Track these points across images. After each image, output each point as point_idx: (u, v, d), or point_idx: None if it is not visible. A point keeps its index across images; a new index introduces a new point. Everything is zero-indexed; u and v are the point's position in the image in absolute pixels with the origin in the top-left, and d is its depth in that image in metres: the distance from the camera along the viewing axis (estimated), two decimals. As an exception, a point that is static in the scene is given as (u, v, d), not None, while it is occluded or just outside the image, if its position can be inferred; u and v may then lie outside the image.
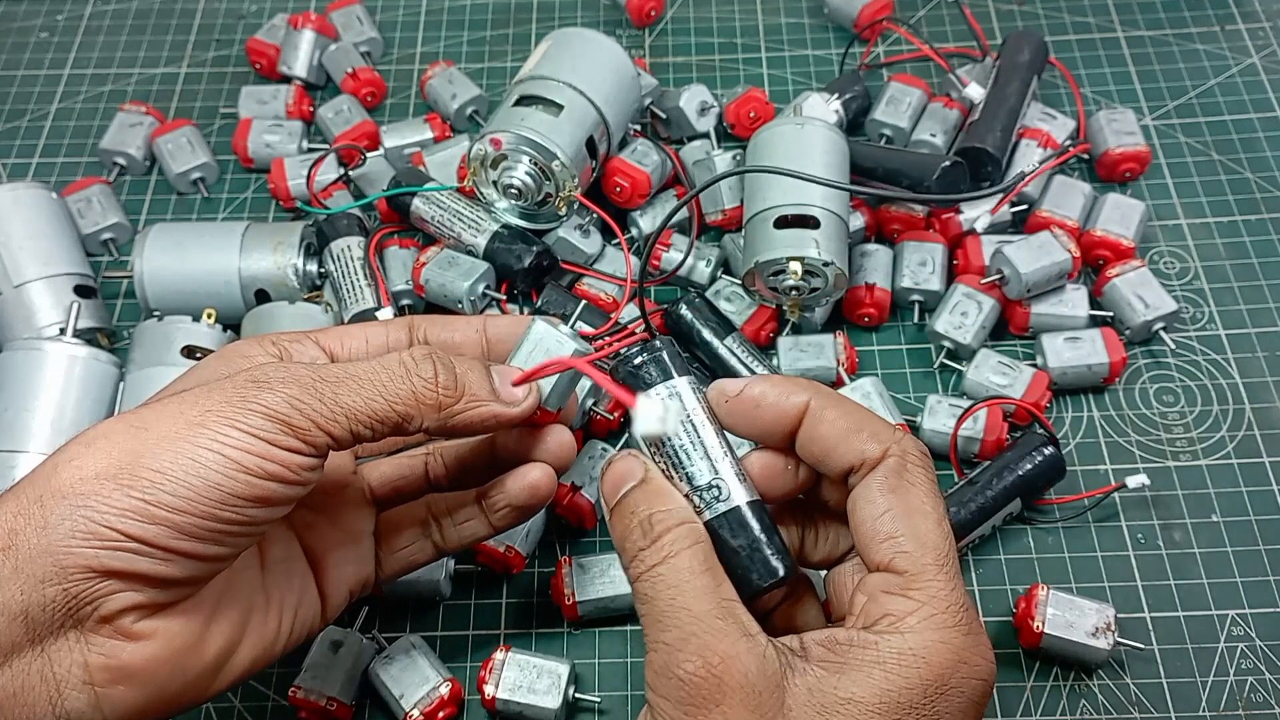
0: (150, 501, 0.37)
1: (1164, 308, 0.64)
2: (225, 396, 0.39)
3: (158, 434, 0.38)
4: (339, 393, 0.41)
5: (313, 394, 0.40)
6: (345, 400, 0.41)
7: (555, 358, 0.45)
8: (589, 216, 0.68)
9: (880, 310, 0.66)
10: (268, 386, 0.40)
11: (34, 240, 0.67)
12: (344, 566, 0.48)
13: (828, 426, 0.41)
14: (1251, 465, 0.61)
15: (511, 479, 0.48)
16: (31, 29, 0.87)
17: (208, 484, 0.38)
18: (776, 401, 0.42)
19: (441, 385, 0.43)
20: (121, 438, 0.38)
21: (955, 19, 0.82)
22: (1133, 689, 0.54)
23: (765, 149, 0.64)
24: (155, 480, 0.37)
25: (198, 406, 0.39)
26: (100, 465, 0.38)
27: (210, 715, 0.55)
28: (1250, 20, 0.81)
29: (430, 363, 0.43)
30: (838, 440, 0.41)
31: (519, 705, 0.53)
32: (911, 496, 0.39)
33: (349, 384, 0.41)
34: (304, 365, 0.42)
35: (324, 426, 0.40)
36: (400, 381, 0.42)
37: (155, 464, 0.38)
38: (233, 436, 0.38)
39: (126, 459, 0.38)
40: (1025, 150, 0.69)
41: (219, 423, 0.39)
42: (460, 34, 0.85)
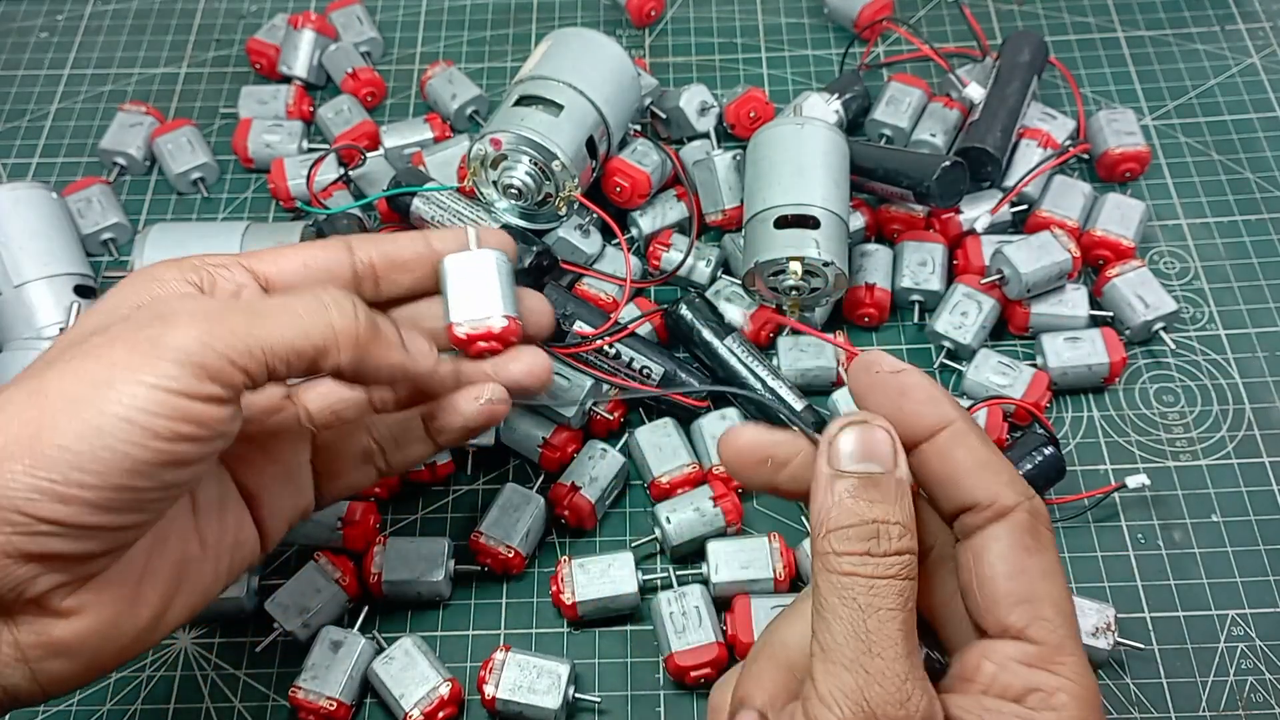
0: (58, 481, 0.35)
1: (1164, 308, 0.64)
2: (129, 343, 0.36)
3: (58, 399, 0.35)
4: (252, 326, 0.38)
5: (225, 327, 0.37)
6: (259, 332, 0.38)
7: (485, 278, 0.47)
8: (589, 216, 0.68)
9: (880, 310, 0.66)
10: (174, 323, 0.37)
11: (34, 240, 0.67)
12: (281, 499, 0.47)
13: (966, 453, 0.37)
14: (1251, 465, 0.61)
15: (463, 399, 0.46)
16: (31, 29, 0.87)
17: (117, 454, 0.35)
18: (927, 400, 0.38)
19: (361, 322, 0.41)
20: (20, 407, 0.35)
21: (955, 19, 0.82)
22: (1133, 689, 0.54)
23: (765, 149, 0.64)
24: (60, 457, 0.35)
25: (101, 360, 0.36)
26: (0, 442, 0.35)
27: (210, 715, 0.56)
28: (1250, 20, 0.81)
29: (349, 299, 0.41)
30: (971, 470, 0.37)
31: (519, 705, 0.53)
32: (1045, 559, 0.36)
33: (264, 317, 0.39)
34: (215, 299, 0.40)
35: (239, 362, 0.38)
36: (318, 314, 0.40)
37: (59, 438, 0.35)
38: (140, 396, 0.35)
39: (27, 433, 0.35)
40: (1025, 150, 0.69)
41: (125, 380, 0.36)
42: (460, 34, 0.85)
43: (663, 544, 0.58)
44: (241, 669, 0.57)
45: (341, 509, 0.59)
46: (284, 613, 0.56)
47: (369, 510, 0.59)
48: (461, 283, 0.48)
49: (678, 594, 0.55)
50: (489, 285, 0.48)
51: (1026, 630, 0.36)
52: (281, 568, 0.60)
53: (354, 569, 0.58)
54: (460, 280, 0.48)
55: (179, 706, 0.56)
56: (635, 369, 0.61)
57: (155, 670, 0.57)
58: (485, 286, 0.48)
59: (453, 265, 0.48)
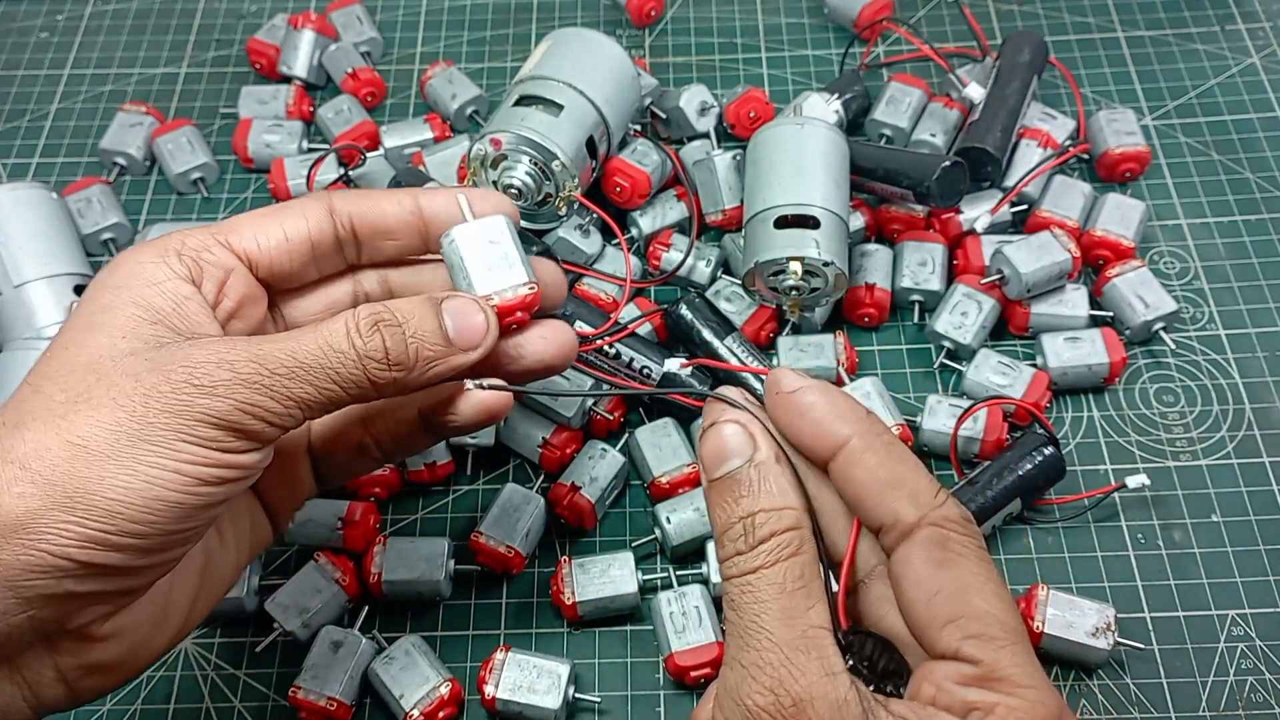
0: (110, 531, 0.36)
1: (1164, 308, 0.64)
2: (165, 404, 0.36)
3: (100, 453, 0.36)
4: (290, 386, 0.38)
5: (262, 393, 0.38)
6: (297, 393, 0.38)
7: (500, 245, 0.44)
8: (589, 216, 0.68)
9: (880, 310, 0.66)
10: (212, 392, 0.37)
11: (34, 240, 0.67)
12: (285, 488, 0.48)
13: (863, 473, 0.37)
14: (1251, 465, 0.61)
15: (463, 402, 0.45)
16: (31, 29, 0.87)
17: (168, 505, 0.36)
18: (819, 420, 0.38)
19: (393, 360, 0.40)
20: (60, 458, 0.36)
21: (955, 19, 0.82)
22: (1133, 689, 0.54)
23: (765, 149, 0.64)
24: (111, 509, 0.36)
25: (136, 416, 0.36)
26: (47, 495, 0.35)
27: (210, 715, 0.55)
28: (1250, 20, 0.81)
29: (378, 336, 0.40)
30: (870, 492, 0.37)
31: (519, 705, 0.53)
32: (962, 571, 0.36)
33: (299, 375, 0.38)
34: (243, 350, 0.38)
35: (277, 423, 0.38)
36: (352, 366, 0.39)
37: (109, 491, 0.36)
38: (185, 450, 0.37)
39: (74, 485, 0.35)
40: (1025, 150, 0.69)
41: (166, 436, 0.36)
42: (460, 34, 0.85)
43: (663, 544, 0.58)
44: (241, 669, 0.57)
45: (341, 509, 0.59)
46: (284, 613, 0.56)
47: (369, 510, 0.59)
48: (477, 254, 0.44)
49: (678, 594, 0.55)
50: (507, 253, 0.44)
51: (960, 651, 0.35)
52: (281, 568, 0.60)
53: (354, 569, 0.58)
54: (475, 251, 0.44)
55: (179, 706, 0.56)
56: (635, 369, 0.61)
57: (155, 670, 0.57)
58: (503, 255, 0.44)
59: (463, 236, 0.44)
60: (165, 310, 0.40)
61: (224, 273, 0.42)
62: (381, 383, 0.40)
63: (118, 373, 0.37)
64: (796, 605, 0.35)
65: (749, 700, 0.34)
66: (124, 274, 0.41)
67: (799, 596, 0.35)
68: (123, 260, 0.41)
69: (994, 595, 0.35)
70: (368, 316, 0.40)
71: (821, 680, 0.34)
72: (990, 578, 0.36)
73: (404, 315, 0.41)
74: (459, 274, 0.44)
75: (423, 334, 0.41)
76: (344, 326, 0.40)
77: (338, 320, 0.40)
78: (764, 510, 0.37)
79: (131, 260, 0.41)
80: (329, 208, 0.44)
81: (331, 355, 0.39)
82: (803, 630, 0.35)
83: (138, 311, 0.39)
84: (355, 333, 0.39)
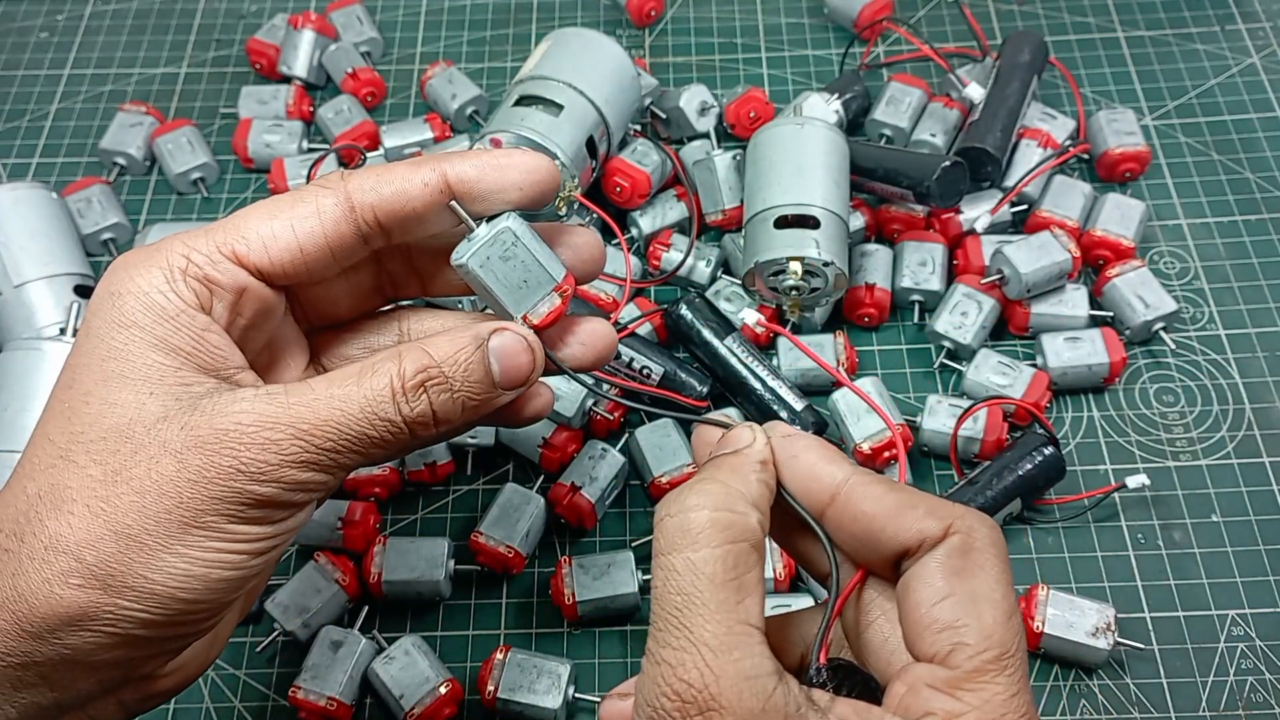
0: (169, 611, 0.36)
1: (1164, 308, 0.64)
2: (212, 492, 0.35)
3: (152, 545, 0.35)
4: (335, 457, 0.37)
5: (309, 470, 0.37)
6: (342, 461, 0.38)
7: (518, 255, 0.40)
8: (589, 216, 0.68)
9: (880, 310, 0.66)
10: (259, 478, 0.36)
11: (34, 240, 0.67)
12: None
13: (872, 504, 0.35)
14: (1251, 465, 0.61)
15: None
16: (31, 29, 0.87)
17: (222, 580, 0.37)
18: (815, 463, 0.36)
19: (440, 419, 0.39)
20: (111, 550, 0.35)
21: (955, 19, 0.82)
22: (1133, 689, 0.54)
23: (765, 149, 0.64)
24: (169, 594, 0.36)
25: (184, 505, 0.35)
26: (106, 586, 0.35)
27: (210, 715, 0.55)
28: (1250, 20, 0.81)
29: (425, 400, 0.38)
30: (887, 518, 0.35)
31: (519, 705, 0.53)
32: (979, 582, 0.33)
33: (345, 446, 0.37)
34: (285, 422, 0.36)
35: (322, 491, 0.38)
36: (398, 430, 0.38)
37: (165, 580, 0.35)
38: (235, 531, 0.36)
39: (131, 578, 0.35)
40: (1025, 150, 0.69)
41: (216, 521, 0.36)
42: (460, 34, 0.85)
43: (663, 544, 0.58)
44: (241, 669, 0.57)
45: (341, 509, 0.59)
46: (284, 613, 0.56)
47: (369, 510, 0.59)
48: (499, 276, 0.40)
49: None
50: (527, 261, 0.40)
51: (947, 657, 0.33)
52: (282, 568, 0.60)
53: (354, 569, 0.58)
54: (496, 274, 0.40)
55: (179, 706, 0.56)
56: (635, 369, 0.61)
57: (155, 670, 0.57)
58: (524, 265, 0.40)
59: (477, 262, 0.40)
60: (187, 350, 0.38)
61: (235, 293, 0.39)
62: (424, 436, 0.39)
63: (155, 445, 0.36)
64: (724, 598, 0.32)
65: (657, 702, 0.32)
66: (132, 308, 0.38)
67: (728, 590, 0.32)
68: (126, 289, 0.38)
69: (1002, 612, 0.33)
70: (414, 377, 0.38)
71: (739, 684, 0.31)
72: (1005, 597, 0.34)
73: (450, 368, 0.39)
74: (488, 298, 0.41)
75: (470, 387, 0.39)
76: (389, 389, 0.38)
77: (380, 377, 0.38)
78: (711, 490, 0.35)
79: (136, 288, 0.38)
80: (347, 202, 0.40)
81: (378, 424, 0.37)
82: (729, 625, 0.32)
83: (159, 358, 0.37)
84: (402, 397, 0.38)
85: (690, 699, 0.31)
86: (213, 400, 0.37)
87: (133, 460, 0.36)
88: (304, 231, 0.39)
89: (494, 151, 0.41)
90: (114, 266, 0.39)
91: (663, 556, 0.34)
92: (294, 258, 0.39)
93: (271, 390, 0.38)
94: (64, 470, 0.36)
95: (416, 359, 0.38)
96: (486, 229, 0.40)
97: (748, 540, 0.34)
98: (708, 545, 0.33)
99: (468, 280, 0.40)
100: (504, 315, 0.41)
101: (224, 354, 0.39)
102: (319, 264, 0.40)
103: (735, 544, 0.33)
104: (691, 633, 0.32)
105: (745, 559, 0.33)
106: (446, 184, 0.40)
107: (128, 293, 0.38)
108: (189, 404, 0.37)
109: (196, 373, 0.38)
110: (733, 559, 0.33)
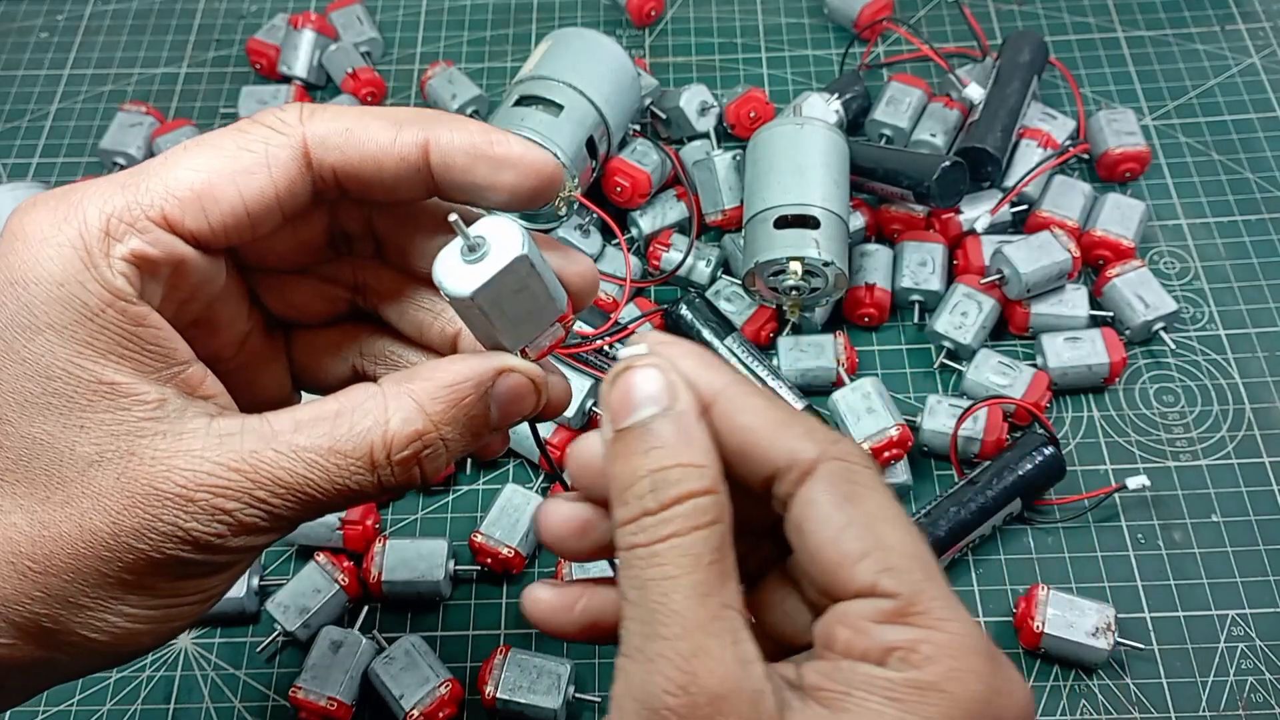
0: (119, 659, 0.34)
1: (1164, 308, 0.64)
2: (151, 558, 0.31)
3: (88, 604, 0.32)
4: (296, 517, 0.33)
5: (265, 532, 0.33)
6: (304, 519, 0.34)
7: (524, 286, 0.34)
8: (589, 216, 0.68)
9: (880, 310, 0.66)
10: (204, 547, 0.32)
11: (34, 240, 0.67)
12: None
13: (750, 415, 0.32)
14: (1251, 465, 0.61)
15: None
16: (31, 29, 0.87)
17: (164, 629, 0.34)
18: (691, 370, 0.32)
19: (426, 480, 0.35)
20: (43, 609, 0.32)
21: (955, 19, 0.82)
22: (1133, 689, 0.54)
23: (765, 149, 0.64)
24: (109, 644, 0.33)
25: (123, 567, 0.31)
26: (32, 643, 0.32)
27: (210, 715, 0.55)
28: (1250, 20, 0.81)
29: (417, 471, 0.34)
30: (763, 435, 0.32)
31: (519, 705, 0.53)
32: (871, 503, 0.31)
33: (308, 507, 0.33)
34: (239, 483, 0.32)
35: (276, 539, 0.34)
36: (373, 495, 0.34)
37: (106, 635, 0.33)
38: (182, 585, 0.33)
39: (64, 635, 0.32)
40: (1025, 150, 0.69)
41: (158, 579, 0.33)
42: (460, 34, 0.85)
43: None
44: (241, 669, 0.57)
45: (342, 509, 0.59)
46: (284, 613, 0.56)
47: (369, 510, 0.59)
48: (505, 308, 0.34)
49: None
50: (537, 290, 0.35)
51: (877, 585, 0.30)
52: (282, 568, 0.60)
53: (354, 569, 0.58)
54: (502, 307, 0.34)
55: (179, 706, 0.56)
56: (635, 369, 0.61)
57: (155, 670, 0.57)
58: (533, 294, 0.34)
59: (486, 297, 0.33)
60: (118, 353, 0.31)
61: (171, 267, 0.32)
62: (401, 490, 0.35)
63: (88, 497, 0.31)
64: (709, 581, 0.30)
65: (658, 701, 0.29)
66: (45, 304, 0.30)
67: (712, 571, 0.30)
68: (31, 275, 0.30)
69: (905, 529, 0.31)
70: (406, 446, 0.33)
71: (737, 670, 0.29)
72: (899, 513, 0.32)
73: (449, 429, 0.34)
74: (481, 328, 0.35)
75: (465, 439, 0.35)
76: (369, 456, 0.33)
77: (360, 439, 0.33)
78: (681, 465, 0.30)
79: (45, 275, 0.30)
80: (304, 155, 0.33)
81: (350, 491, 0.33)
82: (716, 611, 0.29)
83: (86, 371, 0.31)
84: (386, 470, 0.33)
85: (697, 690, 0.28)
86: (152, 442, 0.31)
87: (63, 513, 0.31)
88: (251, 189, 0.33)
89: (492, 134, 0.35)
90: (9, 233, 0.31)
91: (645, 541, 0.31)
92: (239, 220, 0.33)
93: (225, 431, 0.32)
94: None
95: (407, 418, 0.33)
96: (495, 259, 0.33)
97: (726, 521, 0.31)
98: (696, 526, 0.31)
99: (459, 313, 0.34)
100: (495, 346, 0.36)
101: (165, 349, 0.32)
102: (265, 224, 0.34)
103: (719, 524, 0.31)
104: (685, 617, 0.29)
105: (727, 540, 0.31)
106: (427, 163, 0.34)
107: (34, 281, 0.30)
108: (126, 441, 0.31)
109: (134, 379, 0.32)
110: (717, 538, 0.30)
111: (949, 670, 0.29)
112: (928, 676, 0.29)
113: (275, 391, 0.40)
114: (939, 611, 0.30)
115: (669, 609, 0.29)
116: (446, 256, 0.33)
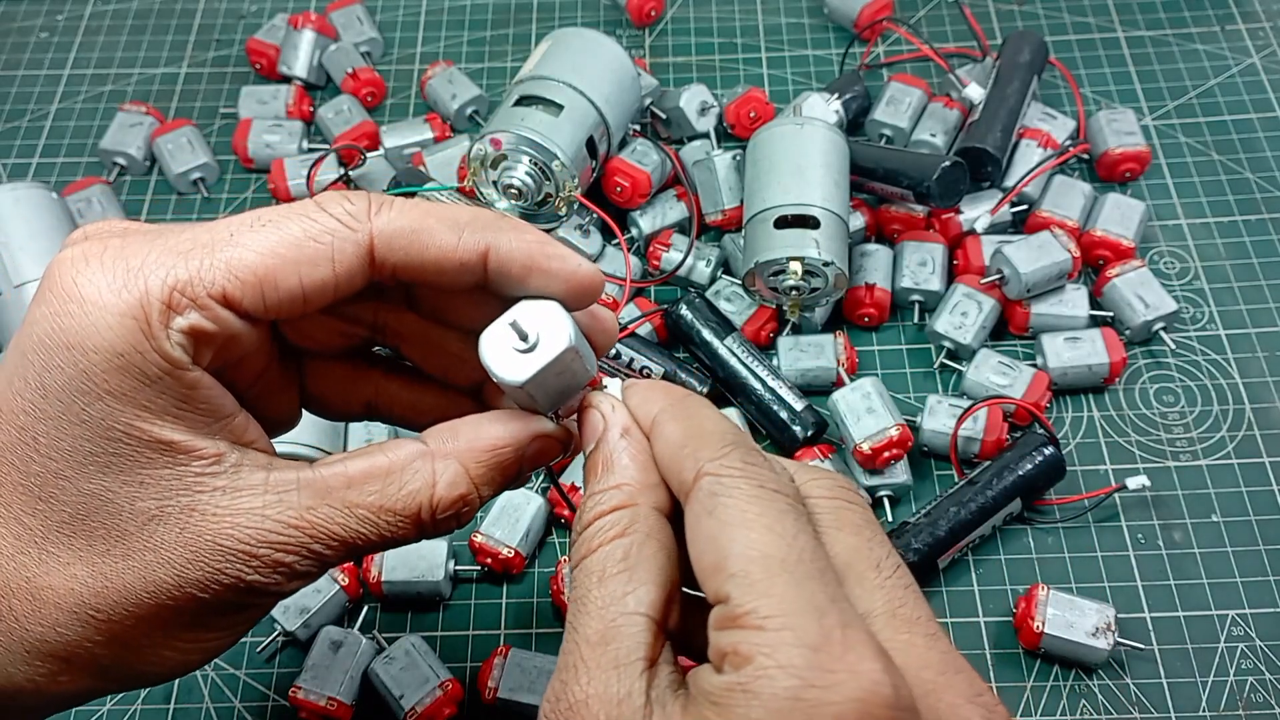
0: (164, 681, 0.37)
1: (1164, 308, 0.64)
2: (210, 604, 0.34)
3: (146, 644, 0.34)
4: (342, 559, 0.35)
5: (314, 575, 0.35)
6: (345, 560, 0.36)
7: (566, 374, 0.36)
8: (589, 216, 0.68)
9: (880, 310, 0.66)
10: (262, 593, 0.34)
11: (34, 240, 0.67)
12: None
13: (662, 445, 0.34)
14: (1251, 465, 0.61)
15: None
16: (31, 29, 0.87)
17: (211, 655, 0.37)
18: (638, 405, 0.36)
19: (461, 525, 0.38)
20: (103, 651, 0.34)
21: (955, 19, 0.82)
22: (1133, 689, 0.54)
23: (765, 149, 0.64)
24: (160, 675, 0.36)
25: (181, 613, 0.33)
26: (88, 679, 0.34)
27: (210, 715, 0.55)
28: (1250, 20, 0.81)
29: (454, 520, 0.36)
30: (667, 464, 0.34)
31: (519, 705, 0.53)
32: (728, 511, 0.31)
33: (354, 552, 0.35)
34: (292, 537, 0.34)
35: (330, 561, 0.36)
36: (415, 540, 0.36)
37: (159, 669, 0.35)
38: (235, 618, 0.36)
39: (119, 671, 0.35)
40: (1025, 150, 0.69)
41: (214, 618, 0.35)
42: (460, 34, 0.85)
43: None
44: (241, 669, 0.57)
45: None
46: (284, 613, 0.56)
47: (369, 510, 0.59)
48: (547, 387, 0.36)
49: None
50: (577, 368, 0.36)
51: (721, 592, 0.31)
52: (281, 568, 0.60)
53: (354, 569, 0.58)
54: (545, 386, 0.36)
55: (179, 706, 0.56)
56: (635, 369, 0.61)
57: (155, 670, 0.57)
58: (573, 372, 0.36)
59: (536, 385, 0.35)
60: (173, 413, 0.33)
61: (221, 341, 0.34)
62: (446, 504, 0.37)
63: (149, 551, 0.33)
64: (612, 593, 0.31)
65: (543, 706, 0.31)
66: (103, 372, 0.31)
67: (617, 583, 0.31)
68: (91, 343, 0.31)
69: (762, 529, 0.31)
70: (450, 508, 0.36)
71: (604, 676, 0.30)
72: (761, 511, 0.31)
73: (488, 489, 0.37)
74: (522, 401, 0.38)
75: (494, 494, 0.38)
76: (416, 517, 0.35)
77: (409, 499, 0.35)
78: (592, 493, 0.33)
79: (105, 345, 0.31)
80: (368, 253, 0.34)
81: (394, 539, 0.36)
82: (610, 621, 0.31)
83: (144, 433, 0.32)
84: (430, 526, 0.36)
85: (562, 702, 0.31)
86: (212, 497, 0.33)
87: (125, 565, 0.32)
88: (312, 279, 0.33)
89: (548, 247, 0.36)
90: (62, 291, 0.32)
91: (574, 565, 0.34)
92: (294, 303, 0.34)
93: (282, 487, 0.34)
94: (41, 563, 0.32)
95: (453, 482, 0.36)
96: (545, 350, 0.35)
97: (640, 530, 0.33)
98: (602, 544, 0.33)
99: (506, 391, 0.36)
100: (531, 410, 0.38)
101: (215, 406, 0.34)
102: (317, 306, 0.35)
103: (625, 536, 0.33)
104: (578, 633, 0.32)
105: (637, 548, 0.32)
106: (485, 266, 0.36)
107: (94, 350, 0.31)
108: (186, 497, 0.33)
109: (189, 435, 0.33)
110: (620, 551, 0.32)
111: (756, 669, 0.29)
112: (740, 679, 0.29)
113: (284, 412, 0.42)
114: (765, 609, 0.30)
115: (572, 628, 0.32)
116: (495, 342, 0.35)
